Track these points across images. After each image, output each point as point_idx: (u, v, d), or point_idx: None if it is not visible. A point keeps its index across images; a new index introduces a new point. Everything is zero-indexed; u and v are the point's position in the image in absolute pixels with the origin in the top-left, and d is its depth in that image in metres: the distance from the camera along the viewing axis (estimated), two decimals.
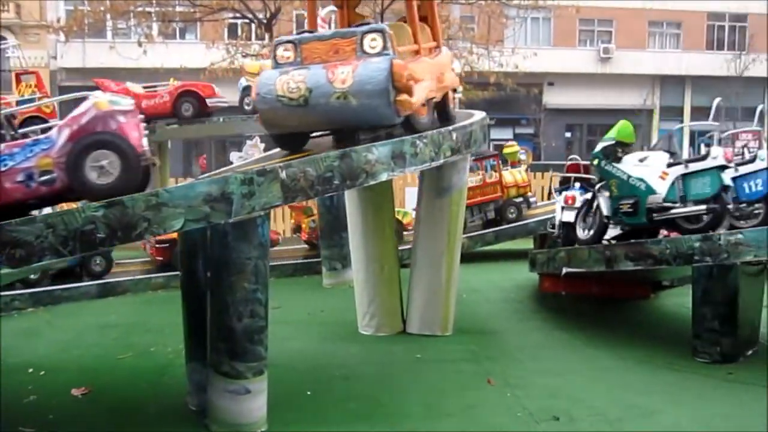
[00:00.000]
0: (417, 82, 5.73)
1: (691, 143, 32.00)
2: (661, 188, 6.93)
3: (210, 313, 5.14)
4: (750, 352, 6.87)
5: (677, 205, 6.85)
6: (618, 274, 7.76)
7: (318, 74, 5.52)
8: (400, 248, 8.45)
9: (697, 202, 6.72)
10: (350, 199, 7.66)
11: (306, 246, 12.47)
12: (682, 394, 5.87)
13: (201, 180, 5.13)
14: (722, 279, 6.41)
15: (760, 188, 6.43)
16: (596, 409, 5.51)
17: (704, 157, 6.79)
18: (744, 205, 6.61)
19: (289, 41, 5.89)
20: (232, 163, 11.59)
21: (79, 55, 25.96)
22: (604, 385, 6.10)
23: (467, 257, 11.38)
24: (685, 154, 28.84)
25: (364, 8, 17.86)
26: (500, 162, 12.57)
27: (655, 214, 6.95)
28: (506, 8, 20.03)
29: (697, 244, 6.28)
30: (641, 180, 7.05)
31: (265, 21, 17.58)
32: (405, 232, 11.70)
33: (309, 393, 5.94)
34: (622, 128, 7.65)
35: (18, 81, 11.11)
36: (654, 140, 29.47)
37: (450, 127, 6.35)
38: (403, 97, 5.48)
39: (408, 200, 12.80)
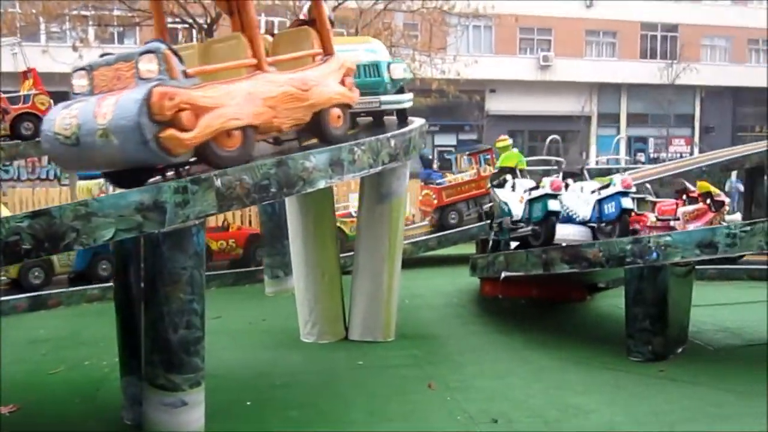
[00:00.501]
0: (203, 111, 4.78)
1: (628, 149, 33.13)
2: (517, 211, 8.15)
3: (144, 325, 5.03)
4: (680, 350, 7.13)
5: (522, 225, 8.00)
6: (555, 277, 7.95)
7: (88, 108, 4.75)
8: (341, 255, 8.43)
9: (536, 223, 7.69)
10: (290, 207, 7.63)
11: None
12: (617, 392, 6.04)
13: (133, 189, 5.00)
14: (652, 280, 6.63)
15: (612, 210, 7.32)
16: (534, 410, 5.62)
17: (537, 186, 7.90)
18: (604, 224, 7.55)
19: (83, 68, 5.11)
20: None
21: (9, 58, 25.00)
22: (542, 386, 6.22)
23: (411, 263, 11.51)
24: (623, 160, 29.90)
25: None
26: (494, 156, 12.63)
27: (510, 233, 8.27)
28: (448, 16, 20.28)
29: (628, 247, 6.50)
30: (506, 204, 8.35)
31: (206, 26, 17.31)
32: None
33: (249, 403, 5.87)
34: (505, 158, 9.47)
35: (24, 78, 10.74)
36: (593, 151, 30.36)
37: (389, 134, 6.39)
38: (169, 132, 4.58)
39: (352, 207, 12.84)
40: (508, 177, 8.70)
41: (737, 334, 7.88)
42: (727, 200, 10.68)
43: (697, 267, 9.87)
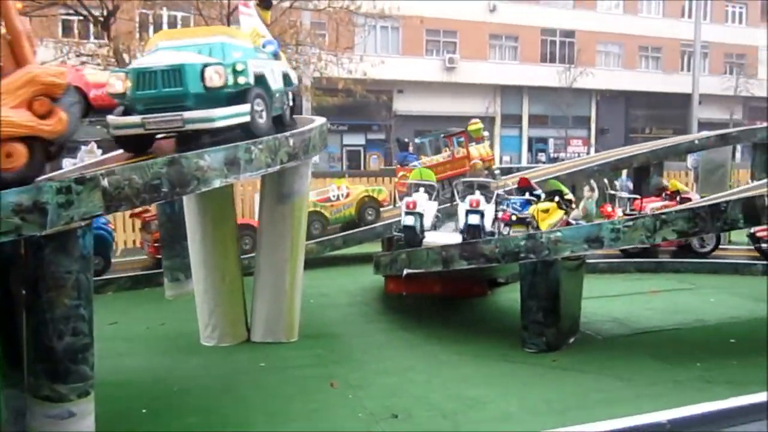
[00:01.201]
0: None
1: (530, 149, 34.41)
2: (427, 222, 8.82)
3: (27, 334, 4.75)
4: (572, 340, 7.48)
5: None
6: (457, 273, 8.14)
7: None
8: (243, 257, 8.30)
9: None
10: (188, 207, 7.42)
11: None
12: (512, 383, 6.28)
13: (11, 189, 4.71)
14: (545, 274, 6.92)
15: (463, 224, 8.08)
16: (433, 404, 5.75)
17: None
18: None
19: None
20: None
21: None
22: (441, 380, 6.36)
23: (316, 262, 11.48)
24: (524, 161, 31.05)
25: (211, 11, 17.50)
26: (467, 138, 12.99)
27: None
28: (355, 16, 20.36)
29: (522, 243, 6.76)
30: (420, 214, 8.73)
31: (101, 19, 16.56)
32: (381, 209, 12.46)
33: (144, 411, 5.68)
34: (415, 172, 10.03)
35: None
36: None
37: (287, 133, 6.34)
38: None
39: (331, 192, 12.95)
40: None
41: (624, 323, 8.35)
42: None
43: (588, 261, 10.46)
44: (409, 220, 8.50)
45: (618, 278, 11.18)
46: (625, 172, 16.23)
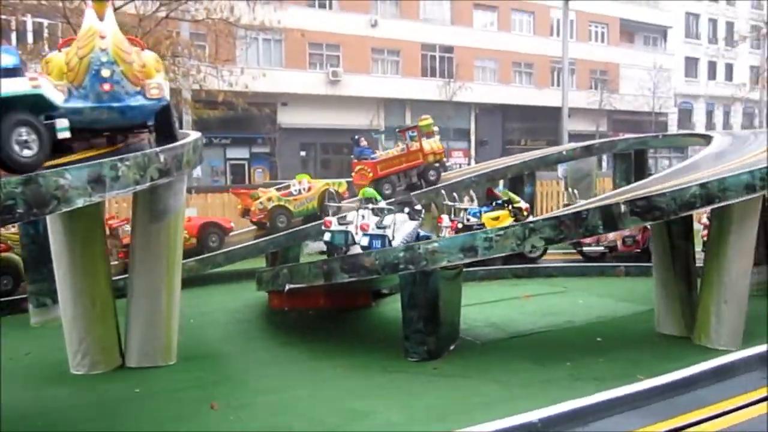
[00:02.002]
0: None
1: None
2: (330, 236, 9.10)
3: None
4: (452, 347, 7.71)
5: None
6: (341, 286, 8.17)
7: None
8: (116, 278, 7.90)
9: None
10: (53, 228, 6.96)
11: None
12: (394, 393, 6.35)
13: None
14: (424, 284, 7.08)
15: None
16: (316, 419, 5.71)
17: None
18: None
19: None
20: None
21: None
22: (325, 394, 6.34)
23: (197, 280, 11.14)
24: None
25: (79, 18, 16.59)
26: (420, 132, 13.60)
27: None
28: (235, 28, 20.04)
29: (401, 254, 6.89)
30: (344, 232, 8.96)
31: None
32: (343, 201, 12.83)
33: None
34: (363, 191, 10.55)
35: None
36: None
37: (158, 149, 6.11)
38: None
39: (293, 187, 13.04)
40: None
41: (501, 328, 8.70)
42: (525, 205, 12.15)
43: (467, 269, 10.84)
44: (327, 236, 8.79)
45: (495, 284, 11.67)
46: (501, 182, 16.97)
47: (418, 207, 10.52)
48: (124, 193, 5.74)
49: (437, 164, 13.99)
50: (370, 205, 9.27)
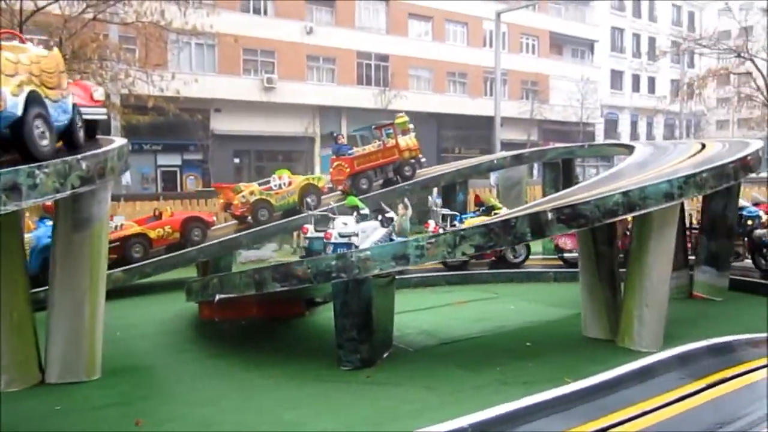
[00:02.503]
0: None
1: None
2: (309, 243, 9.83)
3: None
4: (386, 354, 7.71)
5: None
6: (274, 294, 8.05)
7: None
8: (36, 290, 7.55)
9: None
10: None
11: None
12: (327, 402, 6.31)
13: None
14: (357, 292, 7.07)
15: None
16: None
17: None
18: None
19: None
20: None
21: None
22: (256, 405, 6.24)
23: (124, 291, 10.80)
24: None
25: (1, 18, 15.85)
26: (395, 129, 14.10)
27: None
28: (166, 32, 19.58)
29: (333, 263, 6.86)
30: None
31: None
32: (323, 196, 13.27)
33: None
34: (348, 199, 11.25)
35: None
36: (317, 166, 31.53)
37: (79, 156, 5.89)
38: None
39: (273, 182, 13.39)
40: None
41: (433, 334, 8.78)
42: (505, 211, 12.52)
43: (401, 276, 10.90)
44: (305, 242, 9.45)
45: (429, 291, 11.78)
46: (435, 189, 17.16)
47: (390, 214, 10.77)
48: (42, 201, 5.50)
49: (413, 160, 14.33)
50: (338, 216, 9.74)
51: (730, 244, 10.86)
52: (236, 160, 31.07)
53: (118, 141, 7.07)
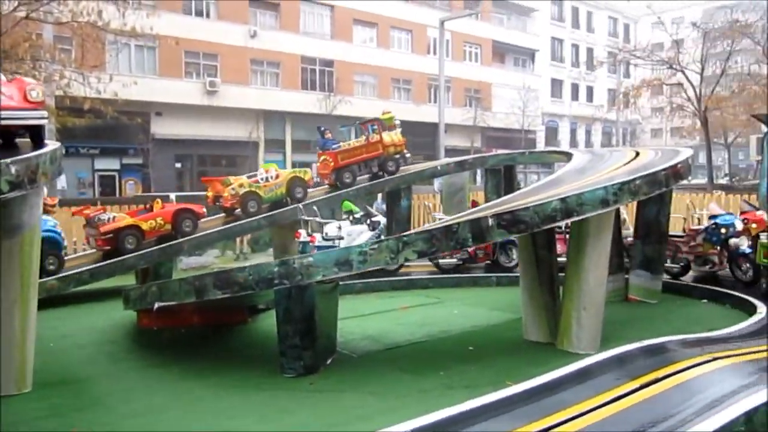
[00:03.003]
0: None
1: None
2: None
3: None
4: (329, 361, 7.67)
5: None
6: (216, 302, 7.91)
7: None
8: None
9: None
10: None
11: None
12: (270, 411, 6.22)
13: None
14: (300, 298, 7.02)
15: None
16: None
17: None
18: None
19: None
20: None
21: None
22: (196, 415, 6.10)
23: (59, 299, 10.42)
24: None
25: None
26: (380, 125, 14.38)
27: None
28: (104, 33, 19.06)
29: (275, 269, 6.78)
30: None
31: None
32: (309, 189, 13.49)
33: None
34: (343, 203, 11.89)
35: None
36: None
37: (9, 160, 5.66)
38: None
39: (259, 175, 13.20)
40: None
41: (378, 340, 8.79)
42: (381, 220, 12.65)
43: (345, 282, 10.88)
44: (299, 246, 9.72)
45: (373, 297, 11.78)
46: (380, 195, 17.23)
47: (377, 218, 10.79)
48: None
49: (397, 156, 14.50)
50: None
51: (662, 249, 11.25)
52: (178, 165, 30.50)
53: (51, 144, 6.82)
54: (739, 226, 11.62)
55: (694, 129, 38.03)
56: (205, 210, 12.45)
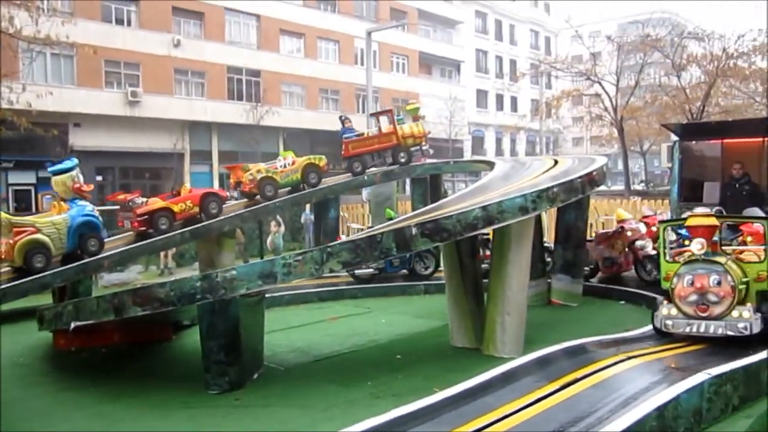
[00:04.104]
0: None
1: (221, 185, 34.29)
2: None
3: None
4: (256, 375, 7.56)
5: None
6: (138, 319, 7.66)
7: None
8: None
9: None
10: None
11: None
12: (195, 429, 6.07)
13: None
14: (224, 313, 6.90)
15: None
16: None
17: None
18: None
19: None
20: None
21: None
22: None
23: None
24: None
25: None
26: (394, 116, 14.09)
27: None
28: (16, 40, 18.24)
29: (198, 284, 6.64)
30: None
31: None
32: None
33: None
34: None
35: None
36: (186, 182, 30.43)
37: None
38: None
39: (279, 163, 13.44)
40: None
41: (306, 352, 8.73)
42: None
43: (272, 294, 10.76)
44: None
45: (302, 308, 11.71)
46: (308, 206, 17.13)
47: None
48: None
49: (413, 148, 14.07)
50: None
51: (581, 253, 11.66)
52: (99, 178, 29.36)
53: None
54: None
55: (612, 138, 39.74)
56: (228, 194, 13.07)
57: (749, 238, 8.40)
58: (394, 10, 42.43)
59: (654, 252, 11.66)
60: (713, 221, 7.30)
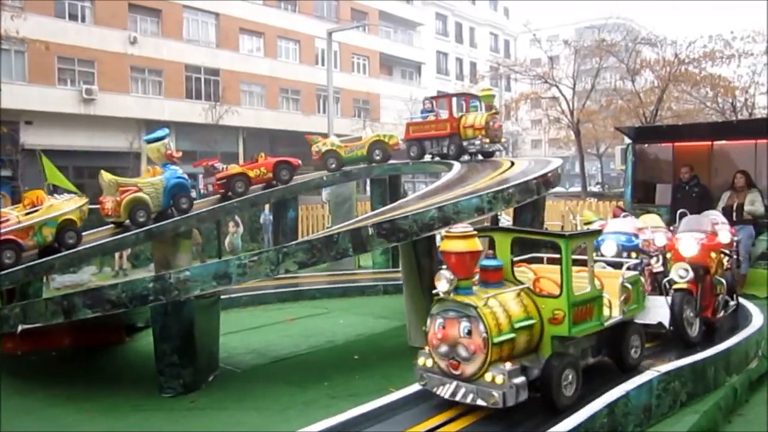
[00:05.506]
0: None
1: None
2: None
3: None
4: (211, 377, 7.46)
5: None
6: (90, 321, 7.48)
7: None
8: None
9: None
10: None
11: None
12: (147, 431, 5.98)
13: None
14: (177, 314, 6.79)
15: None
16: None
17: None
18: None
19: None
20: None
21: None
22: None
23: None
24: None
25: None
26: (450, 104, 13.55)
27: None
28: None
29: (150, 285, 6.53)
30: None
31: None
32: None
33: None
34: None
35: None
36: None
37: None
38: None
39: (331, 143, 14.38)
40: None
41: (263, 353, 8.66)
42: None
43: (230, 295, 10.66)
44: None
45: (260, 309, 11.61)
46: (267, 206, 16.99)
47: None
48: None
49: (473, 139, 12.85)
50: None
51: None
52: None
53: None
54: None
55: (570, 140, 40.48)
56: (300, 162, 13.73)
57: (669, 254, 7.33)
58: (354, 10, 42.48)
59: None
60: (473, 246, 5.06)
